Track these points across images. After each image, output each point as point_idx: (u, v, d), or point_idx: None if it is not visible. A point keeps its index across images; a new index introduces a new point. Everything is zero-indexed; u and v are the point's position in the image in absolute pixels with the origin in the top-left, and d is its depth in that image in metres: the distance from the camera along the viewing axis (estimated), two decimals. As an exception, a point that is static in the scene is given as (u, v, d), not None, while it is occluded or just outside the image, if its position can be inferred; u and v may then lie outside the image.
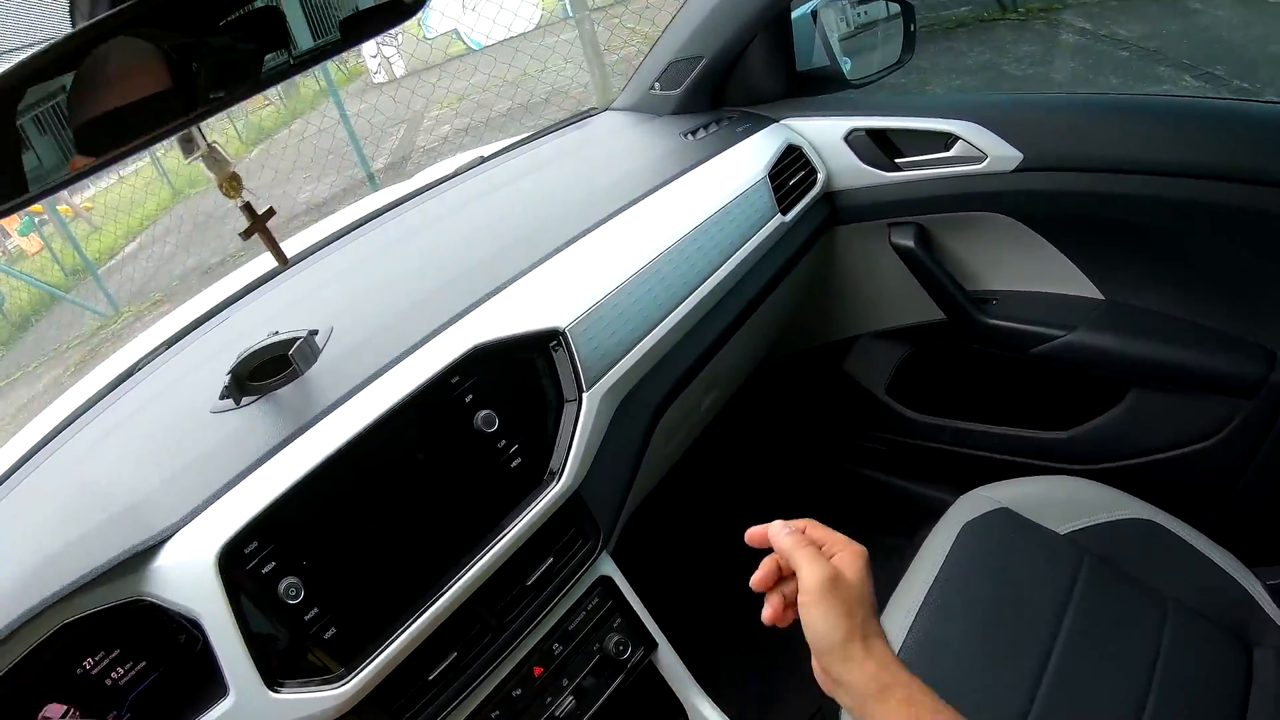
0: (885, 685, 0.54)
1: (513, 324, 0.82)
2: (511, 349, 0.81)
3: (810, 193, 1.24)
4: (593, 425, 0.84)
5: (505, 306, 0.86)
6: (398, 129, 7.24)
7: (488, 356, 0.79)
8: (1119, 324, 1.21)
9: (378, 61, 9.69)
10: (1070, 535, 1.02)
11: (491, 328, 0.81)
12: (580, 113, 1.57)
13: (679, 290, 0.98)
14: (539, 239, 0.97)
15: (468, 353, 0.77)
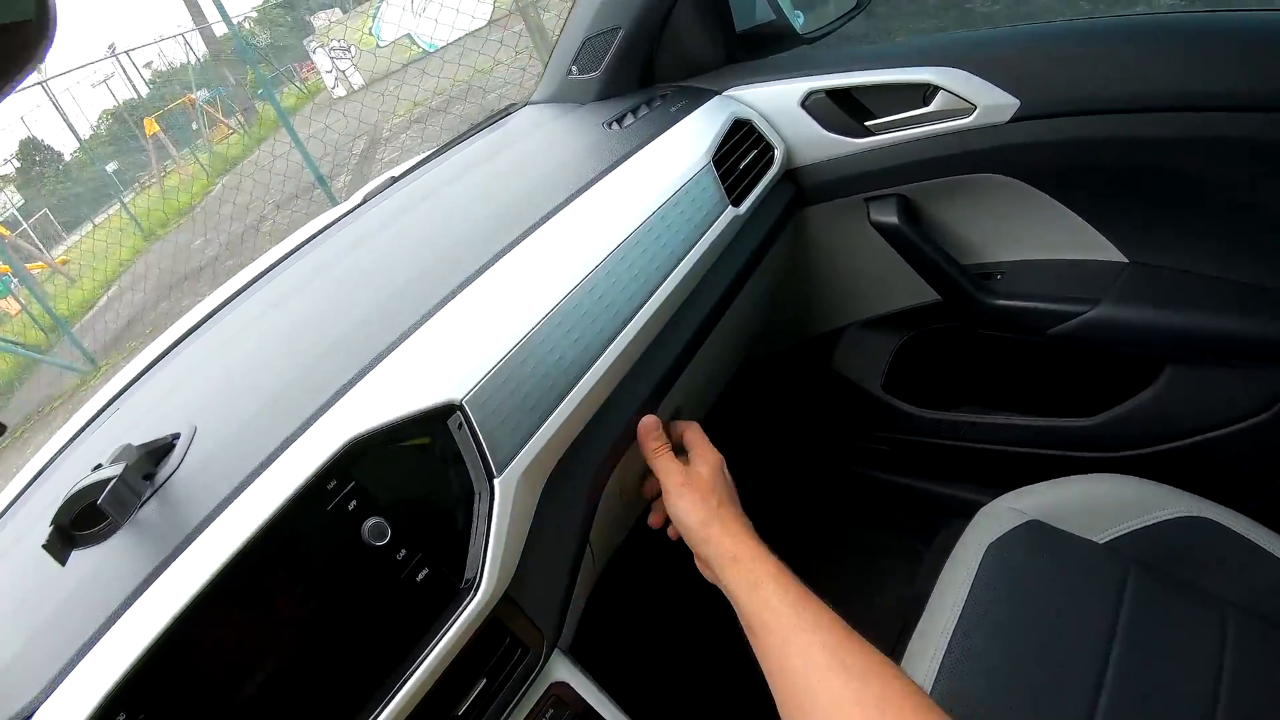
0: (736, 555, 0.67)
1: (399, 401, 0.63)
2: (398, 436, 0.62)
3: (768, 174, 1.04)
4: (511, 517, 0.65)
5: (391, 378, 0.66)
6: (357, 142, 7.03)
7: (370, 449, 0.60)
8: (1149, 291, 1.03)
9: (334, 76, 9.51)
10: (1111, 543, 0.91)
11: (373, 409, 0.62)
12: (499, 111, 1.38)
13: (608, 325, 0.78)
14: (431, 282, 0.78)
15: (343, 449, 0.59)
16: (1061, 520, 0.94)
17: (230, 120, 10.81)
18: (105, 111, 11.47)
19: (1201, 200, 0.98)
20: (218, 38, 7.51)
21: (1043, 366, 1.23)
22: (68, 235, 10.93)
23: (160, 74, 11.62)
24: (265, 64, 10.84)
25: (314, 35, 10.32)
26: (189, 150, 10.34)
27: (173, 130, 10.38)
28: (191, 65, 10.05)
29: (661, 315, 0.84)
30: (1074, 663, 0.81)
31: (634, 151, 0.95)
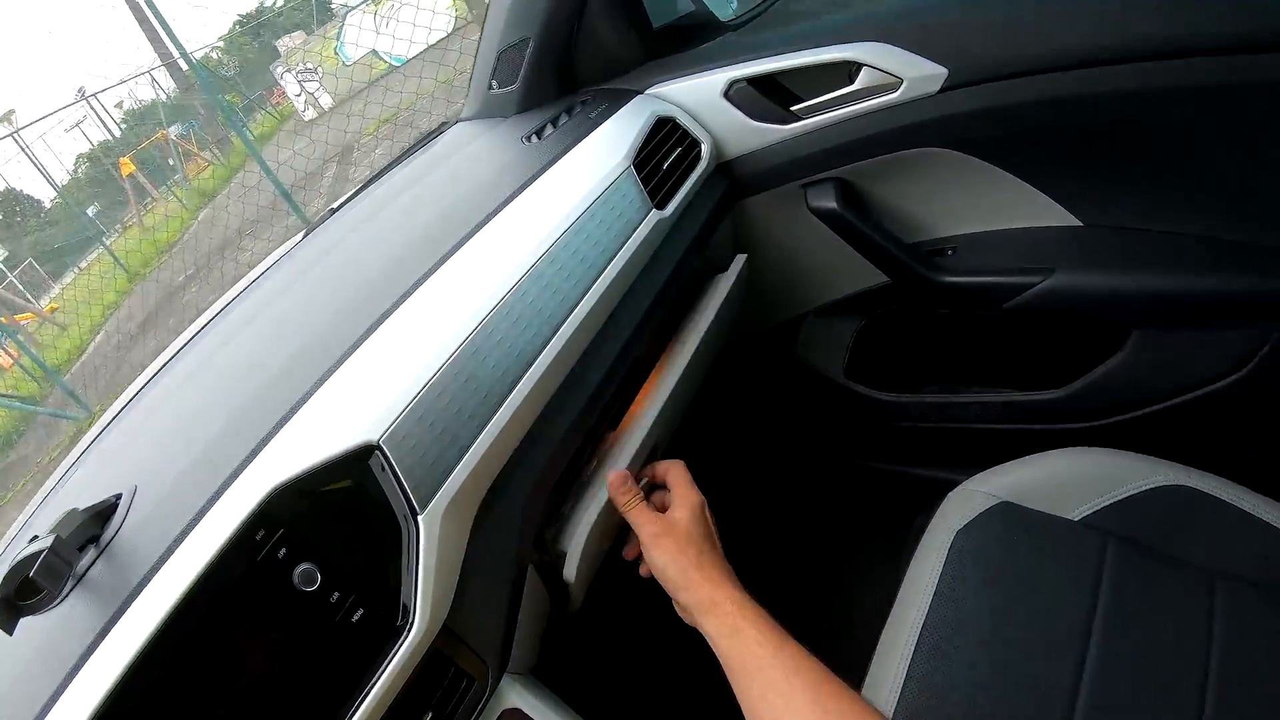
0: (715, 601, 0.68)
1: (319, 446, 0.62)
2: (320, 480, 0.61)
3: (695, 171, 1.00)
4: (439, 552, 0.64)
5: (311, 422, 0.65)
6: (329, 164, 6.99)
7: (295, 496, 0.60)
8: (1107, 255, 0.99)
9: (303, 99, 9.46)
10: (1086, 520, 0.87)
11: (294, 456, 0.61)
12: (431, 131, 1.34)
13: (527, 348, 0.75)
14: (351, 319, 0.75)
15: (266, 499, 0.58)
16: (1033, 499, 0.90)
17: (205, 153, 10.77)
18: (81, 155, 11.45)
19: (1150, 154, 0.94)
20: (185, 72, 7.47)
21: (1006, 340, 1.19)
22: (55, 283, 10.91)
23: (132, 113, 11.57)
24: (234, 93, 10.80)
25: (280, 60, 10.28)
26: (167, 186, 10.31)
27: (149, 168, 10.34)
28: (161, 102, 10.01)
29: (588, 328, 0.81)
30: (1053, 647, 0.78)
31: (549, 166, 0.92)
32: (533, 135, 1.02)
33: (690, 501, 0.76)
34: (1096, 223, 1.01)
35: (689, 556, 0.71)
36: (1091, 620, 0.78)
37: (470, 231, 0.82)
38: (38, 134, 8.85)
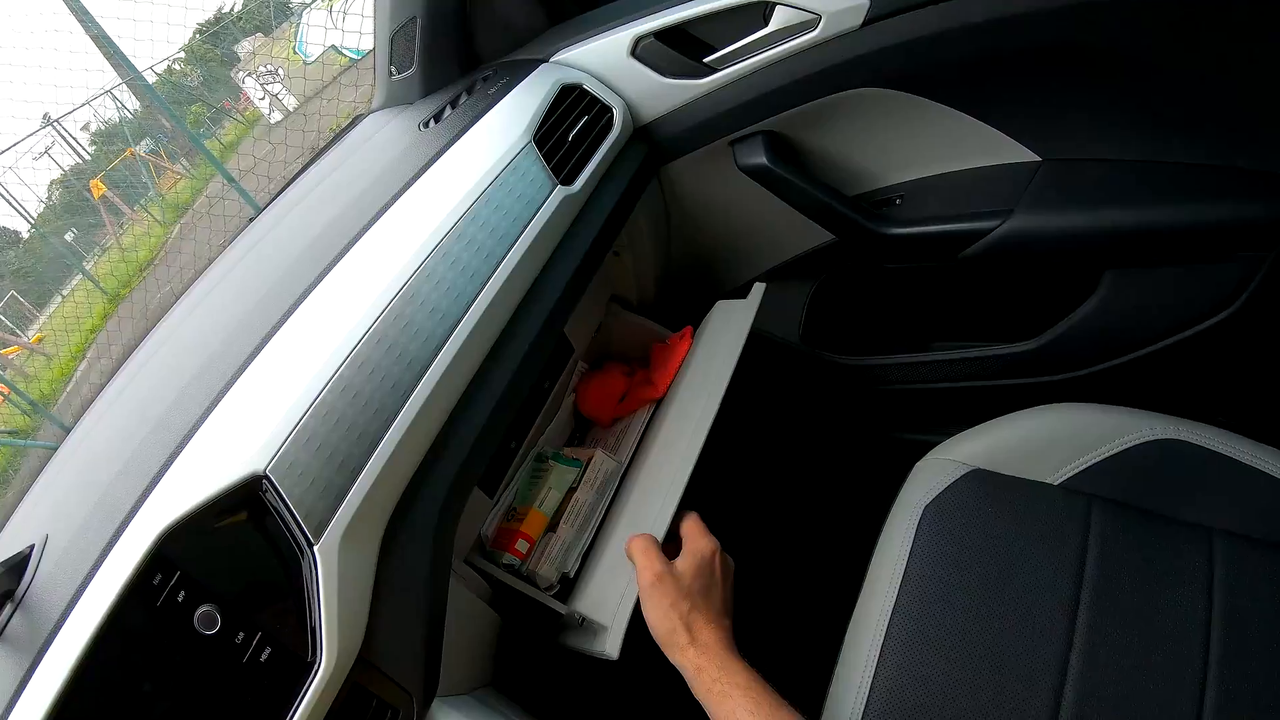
0: (700, 667, 0.66)
1: (207, 481, 0.59)
2: (210, 518, 0.58)
3: (608, 139, 0.92)
4: (340, 582, 0.60)
5: (199, 456, 0.62)
6: (296, 164, 6.84)
7: (188, 536, 0.57)
8: (1070, 190, 0.91)
9: (267, 101, 9.31)
10: (1067, 483, 0.82)
11: (184, 494, 0.58)
12: (345, 126, 1.25)
13: (419, 355, 0.68)
14: (240, 338, 0.70)
15: (158, 542, 0.56)
16: (1008, 464, 0.84)
17: (177, 166, 10.63)
18: (53, 182, 11.27)
19: (1108, 74, 0.85)
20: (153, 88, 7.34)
21: (969, 292, 1.12)
22: (40, 313, 10.82)
23: (100, 134, 11.39)
24: (199, 104, 10.62)
25: (241, 64, 10.10)
26: (141, 204, 10.18)
27: (121, 187, 10.20)
28: (126, 120, 9.86)
29: (493, 321, 0.75)
30: (1038, 626, 0.73)
31: (441, 153, 0.84)
32: (430, 120, 0.93)
33: (698, 550, 0.73)
34: (1056, 156, 0.93)
35: (680, 611, 0.69)
36: (1079, 593, 0.74)
37: (356, 235, 0.76)
38: (7, 166, 8.70)
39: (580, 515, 0.90)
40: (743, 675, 0.64)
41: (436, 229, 0.73)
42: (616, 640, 0.74)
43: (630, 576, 0.75)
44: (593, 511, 0.91)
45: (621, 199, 0.91)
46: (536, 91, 0.90)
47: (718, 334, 0.93)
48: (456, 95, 0.97)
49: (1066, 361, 1.02)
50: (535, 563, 0.87)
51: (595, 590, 0.80)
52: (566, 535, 0.89)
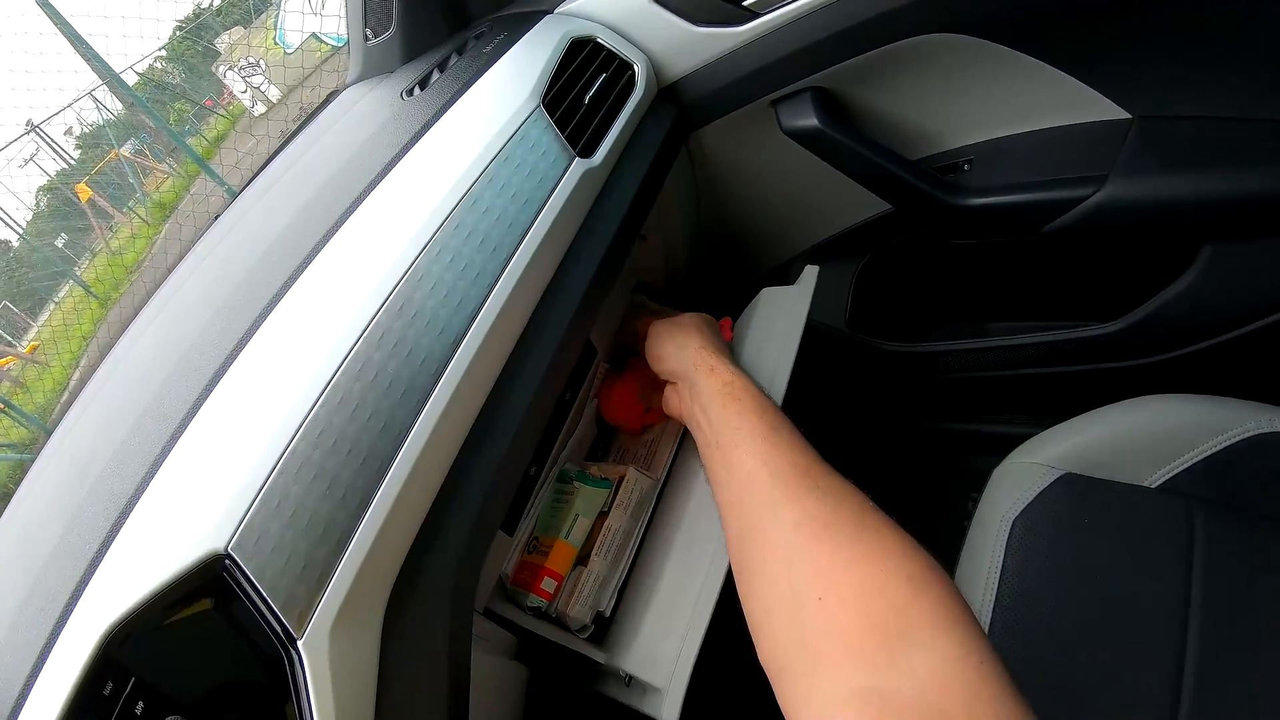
0: (714, 368, 0.66)
1: (159, 563, 0.45)
2: (165, 610, 0.45)
3: (630, 102, 0.77)
4: (334, 681, 0.46)
5: (147, 529, 0.48)
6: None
7: (141, 634, 0.45)
8: (1169, 153, 0.78)
9: (250, 95, 9.14)
10: (1165, 485, 0.75)
11: (132, 581, 0.45)
12: (320, 103, 1.11)
13: (415, 381, 0.53)
14: (189, 370, 0.56)
15: (103, 643, 0.43)
16: (1099, 466, 0.77)
17: (163, 165, 10.48)
18: (41, 189, 11.13)
19: (1212, 17, 0.73)
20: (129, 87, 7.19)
21: (1041, 268, 0.98)
22: (34, 321, 10.71)
23: (84, 137, 11.26)
24: (183, 101, 10.44)
25: (221, 58, 9.91)
26: (129, 206, 10.04)
27: (108, 190, 10.07)
28: (109, 121, 9.70)
29: (505, 334, 0.60)
30: (1145, 645, 0.67)
31: (430, 124, 0.69)
32: (414, 88, 0.79)
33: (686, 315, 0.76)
34: (1151, 113, 0.80)
35: (692, 339, 0.70)
36: (1187, 610, 0.68)
37: (327, 233, 0.61)
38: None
39: (614, 544, 0.77)
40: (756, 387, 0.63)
41: (429, 219, 0.59)
42: (675, 706, 0.62)
43: (689, 619, 0.63)
44: (628, 539, 0.77)
45: (650, 172, 0.76)
46: (542, 47, 0.76)
47: (766, 327, 0.80)
48: (445, 57, 0.83)
49: (1152, 344, 0.90)
50: (565, 603, 0.74)
51: (645, 642, 0.67)
52: (599, 569, 0.75)
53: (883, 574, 0.46)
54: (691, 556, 0.69)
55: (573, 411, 0.85)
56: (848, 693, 0.43)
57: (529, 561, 0.77)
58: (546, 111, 0.69)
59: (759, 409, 0.60)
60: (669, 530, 0.74)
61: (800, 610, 0.48)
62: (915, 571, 0.46)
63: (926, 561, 0.47)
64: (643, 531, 0.77)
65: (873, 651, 0.43)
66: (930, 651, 0.42)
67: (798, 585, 0.48)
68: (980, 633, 0.43)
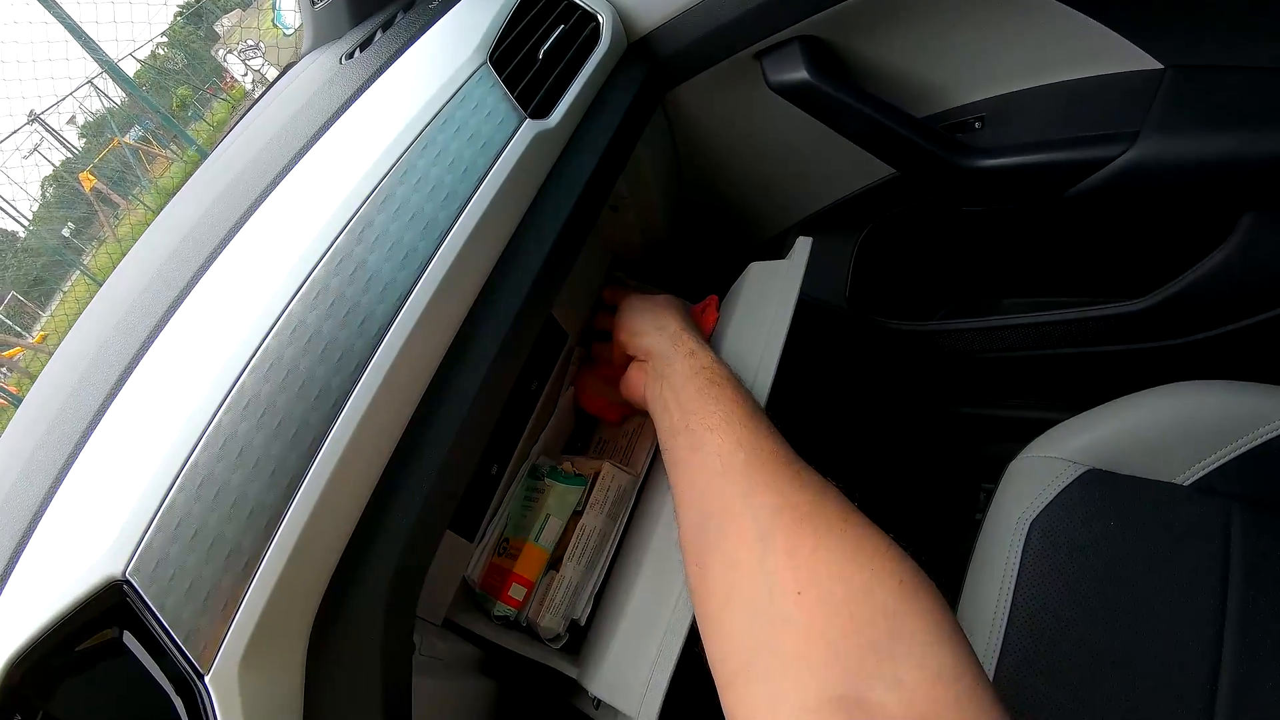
0: (693, 351, 0.62)
1: (59, 588, 0.41)
2: (68, 639, 0.41)
3: (592, 56, 0.69)
4: (245, 718, 0.41)
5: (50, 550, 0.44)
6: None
7: (47, 665, 0.41)
8: (1206, 108, 0.69)
9: (250, 77, 9.07)
10: (1200, 482, 0.69)
11: (34, 607, 0.41)
12: (282, 70, 1.04)
13: (335, 382, 0.46)
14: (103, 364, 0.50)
15: (3, 678, 0.40)
16: (1125, 462, 0.71)
17: (166, 151, 10.47)
18: (46, 179, 11.17)
19: None
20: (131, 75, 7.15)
21: (1062, 237, 0.90)
22: (43, 311, 10.77)
23: (87, 126, 11.26)
24: (185, 86, 10.40)
25: (220, 41, 9.85)
26: (133, 193, 10.05)
27: (112, 178, 10.08)
28: (110, 109, 9.68)
29: (444, 320, 0.53)
30: (1179, 658, 0.62)
31: (364, 88, 0.62)
32: (355, 51, 0.71)
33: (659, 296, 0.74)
34: (1185, 63, 0.71)
35: (672, 319, 0.67)
36: (1222, 619, 0.63)
37: (240, 218, 0.55)
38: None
39: (588, 547, 0.70)
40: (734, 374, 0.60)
41: (352, 194, 0.52)
42: None
43: (662, 640, 0.57)
44: (604, 541, 0.70)
45: (617, 135, 0.68)
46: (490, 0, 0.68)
47: (754, 304, 0.72)
48: (391, 17, 0.75)
49: (1185, 323, 0.82)
50: (535, 611, 0.68)
51: (615, 663, 0.61)
52: (572, 575, 0.69)
53: (870, 575, 0.42)
54: (669, 563, 0.62)
55: (542, 401, 0.78)
56: (823, 702, 0.38)
57: (498, 565, 0.70)
58: (494, 69, 0.62)
59: (739, 397, 0.56)
60: (647, 531, 0.67)
61: (772, 605, 0.43)
62: (906, 576, 0.42)
63: (915, 566, 0.43)
64: (621, 532, 0.70)
65: (856, 657, 0.38)
66: (920, 665, 0.38)
67: (772, 577, 0.44)
68: (972, 651, 0.39)
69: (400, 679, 0.48)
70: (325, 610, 0.45)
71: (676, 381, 0.60)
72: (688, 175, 0.93)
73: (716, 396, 0.56)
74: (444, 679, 0.63)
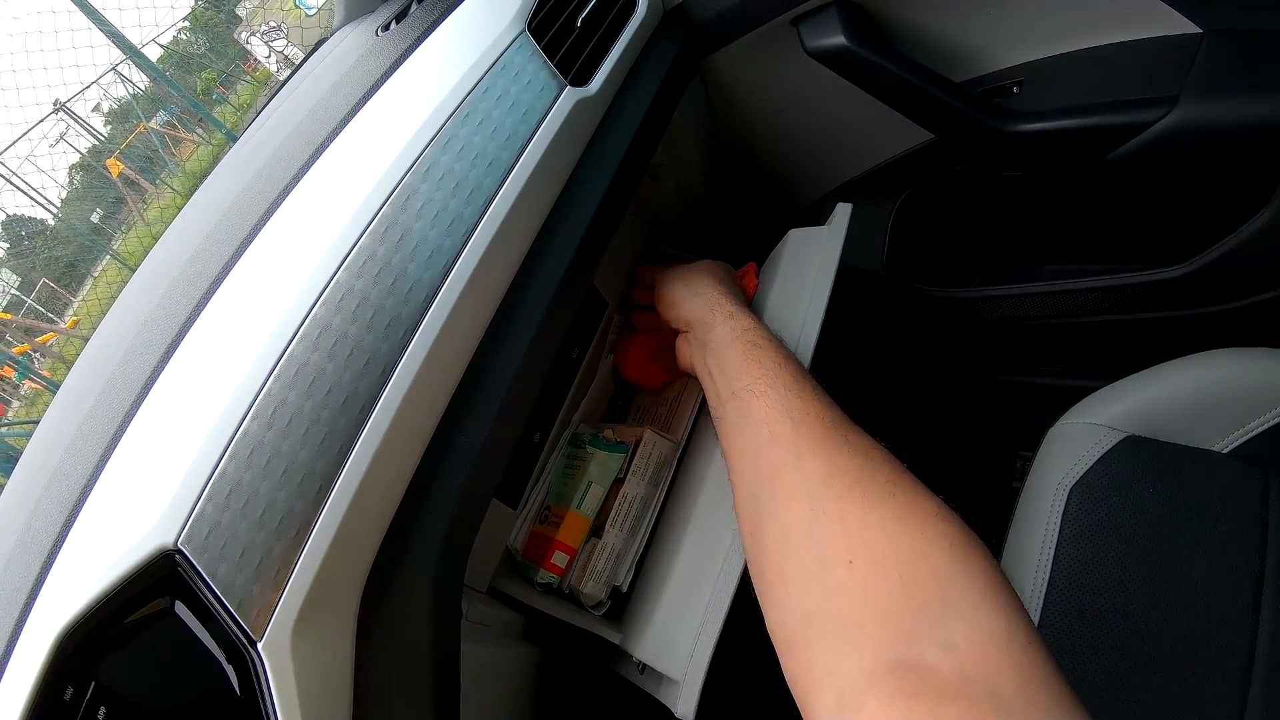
0: (733, 314, 0.62)
1: (108, 561, 0.41)
2: (119, 610, 0.42)
3: (630, 23, 0.69)
4: (299, 687, 0.41)
5: (101, 521, 0.44)
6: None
7: (100, 635, 0.42)
8: (1246, 71, 0.68)
9: (273, 59, 9.10)
10: (1239, 450, 0.69)
11: (84, 579, 0.42)
12: (313, 46, 1.04)
13: (383, 348, 0.47)
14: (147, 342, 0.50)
15: (56, 647, 0.41)
16: (1165, 429, 0.70)
17: (193, 134, 10.55)
18: (73, 166, 11.31)
19: None
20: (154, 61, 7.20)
21: (1101, 203, 0.89)
22: (74, 297, 10.94)
23: (113, 112, 11.37)
24: (209, 70, 10.46)
25: (242, 24, 9.90)
26: (161, 178, 10.15)
27: (139, 163, 10.18)
28: (135, 95, 9.76)
29: (489, 288, 0.53)
30: (1215, 628, 0.63)
31: (402, 59, 0.62)
32: (390, 23, 0.72)
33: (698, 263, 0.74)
34: (1222, 26, 0.70)
35: (708, 285, 0.67)
36: (1260, 588, 0.63)
37: (280, 195, 0.55)
38: (23, 156, 8.69)
39: (630, 514, 0.71)
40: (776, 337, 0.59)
41: (395, 165, 0.52)
42: (691, 701, 0.56)
43: (707, 604, 0.57)
44: (645, 508, 0.71)
45: (655, 102, 0.68)
46: None
47: (794, 271, 0.72)
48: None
49: (1225, 290, 0.81)
50: (577, 578, 0.69)
51: (660, 628, 0.61)
52: (614, 541, 0.69)
53: (921, 539, 0.42)
54: (713, 529, 0.62)
55: (583, 369, 0.79)
56: (878, 666, 0.38)
57: (540, 533, 0.71)
58: (533, 37, 0.62)
59: (782, 359, 0.55)
60: (689, 498, 0.68)
61: (825, 573, 0.43)
62: (957, 539, 0.42)
63: (966, 529, 0.43)
64: (662, 499, 0.71)
65: (910, 622, 0.39)
66: (973, 626, 0.38)
67: (823, 545, 0.44)
68: (1025, 612, 0.39)
69: (449, 645, 0.49)
70: (375, 577, 0.46)
71: (718, 348, 0.60)
72: (725, 141, 0.92)
73: (760, 359, 0.55)
74: (490, 645, 0.64)
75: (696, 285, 0.68)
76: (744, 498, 0.52)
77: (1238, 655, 0.61)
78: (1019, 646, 0.37)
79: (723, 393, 0.57)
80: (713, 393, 0.60)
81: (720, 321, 0.62)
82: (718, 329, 0.61)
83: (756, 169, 0.98)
